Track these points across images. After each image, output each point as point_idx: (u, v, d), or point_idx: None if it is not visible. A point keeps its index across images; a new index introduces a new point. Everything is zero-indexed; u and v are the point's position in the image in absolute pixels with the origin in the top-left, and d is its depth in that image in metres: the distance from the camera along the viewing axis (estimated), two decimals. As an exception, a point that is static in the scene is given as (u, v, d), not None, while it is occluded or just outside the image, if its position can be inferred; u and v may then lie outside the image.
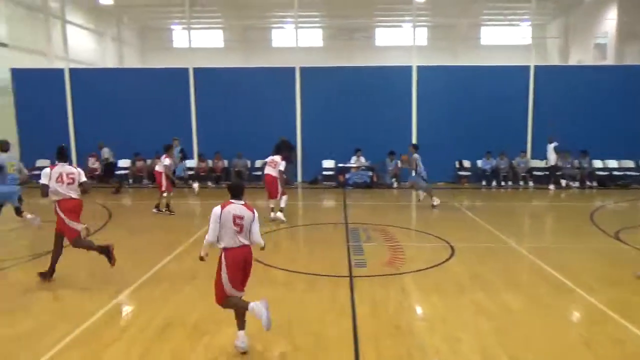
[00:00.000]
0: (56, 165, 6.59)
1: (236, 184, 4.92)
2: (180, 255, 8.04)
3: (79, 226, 6.57)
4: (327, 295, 6.14)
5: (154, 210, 11.71)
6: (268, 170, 10.63)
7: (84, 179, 6.70)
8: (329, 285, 6.53)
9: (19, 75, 17.02)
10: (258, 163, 16.44)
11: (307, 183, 16.81)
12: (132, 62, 28.01)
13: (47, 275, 6.65)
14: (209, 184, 16.35)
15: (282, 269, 7.20)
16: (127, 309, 5.87)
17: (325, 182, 16.63)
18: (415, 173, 12.34)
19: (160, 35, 29.74)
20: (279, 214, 10.57)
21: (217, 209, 4.66)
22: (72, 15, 21.49)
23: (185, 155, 15.80)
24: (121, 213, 12.28)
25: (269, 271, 7.14)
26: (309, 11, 24.66)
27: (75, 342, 4.83)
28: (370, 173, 16.08)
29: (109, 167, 16.35)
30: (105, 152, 16.13)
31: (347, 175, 16.06)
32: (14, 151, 16.37)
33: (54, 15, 19.19)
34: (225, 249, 4.65)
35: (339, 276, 6.90)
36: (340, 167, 16.35)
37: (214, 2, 22.95)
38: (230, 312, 4.79)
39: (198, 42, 21.68)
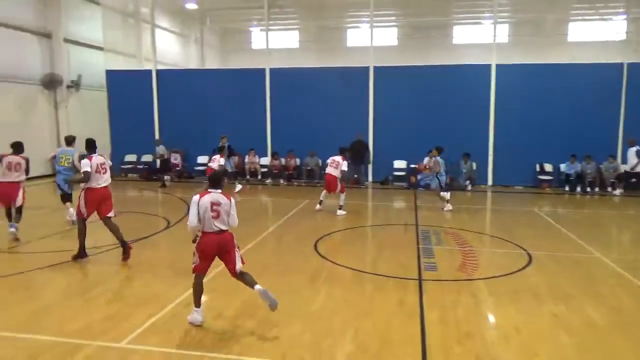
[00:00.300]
0: (92, 156, 7.51)
1: (214, 175, 5.52)
2: (251, 250, 8.30)
3: (85, 211, 7.41)
4: (395, 298, 6.07)
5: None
6: (329, 169, 11.37)
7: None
8: (397, 288, 6.44)
9: (112, 76, 18.43)
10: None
11: (378, 183, 16.70)
12: (213, 63, 29.27)
13: (77, 257, 7.51)
14: (282, 181, 16.77)
15: (351, 268, 7.21)
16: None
17: (395, 183, 16.44)
18: (435, 176, 12.23)
19: (239, 37, 30.83)
20: (340, 211, 11.25)
21: (196, 197, 5.18)
22: (159, 20, 22.87)
23: (233, 152, 15.93)
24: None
25: (337, 270, 7.19)
26: (385, 10, 24.43)
27: (153, 328, 5.14)
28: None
29: (164, 163, 16.74)
30: (161, 149, 16.58)
31: (419, 177, 15.75)
32: (107, 146, 17.81)
33: (144, 20, 20.52)
34: (202, 233, 5.16)
35: (408, 278, 6.79)
36: (412, 167, 16.06)
37: (291, 3, 23.40)
38: (300, 309, 4.89)
39: (275, 43, 22.22)
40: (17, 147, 8.88)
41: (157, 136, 18.00)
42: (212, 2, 23.89)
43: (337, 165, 11.25)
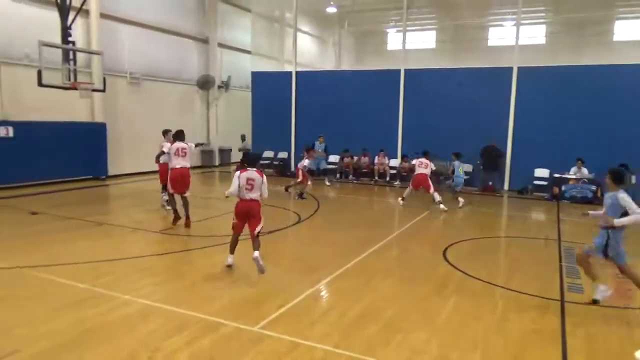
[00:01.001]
0: (175, 142, 9.48)
1: (252, 156, 7.61)
2: (378, 251, 8.30)
3: (171, 188, 9.51)
4: (531, 318, 5.59)
5: (286, 190, 14.18)
6: (420, 170, 12.45)
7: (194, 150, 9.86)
8: (534, 307, 5.92)
9: (257, 78, 19.83)
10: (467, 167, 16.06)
11: (515, 192, 15.55)
12: (348, 65, 29.89)
13: (175, 221, 9.63)
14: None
15: (482, 280, 6.82)
16: (328, 295, 6.31)
17: (536, 193, 15.15)
18: (450, 178, 13.13)
19: (375, 39, 31.02)
20: (442, 206, 11.97)
21: (237, 173, 6.80)
22: (301, 24, 24.03)
23: (327, 151, 17.70)
24: (326, 204, 13.23)
25: (467, 280, 6.85)
26: (534, 6, 22.64)
27: (283, 317, 5.41)
28: (593, 187, 14.01)
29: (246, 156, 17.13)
30: (246, 144, 16.95)
31: (563, 188, 14.33)
32: (249, 142, 19.19)
33: (288, 25, 21.72)
34: (239, 199, 6.78)
35: (547, 298, 6.21)
36: (556, 177, 14.65)
37: (429, 3, 22.91)
38: (426, 317, 4.75)
39: (410, 44, 21.96)
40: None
41: (292, 135, 18.92)
42: (351, 5, 24.39)
43: (426, 165, 12.44)
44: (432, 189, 12.31)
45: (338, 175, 17.92)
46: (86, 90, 12.91)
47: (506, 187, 15.92)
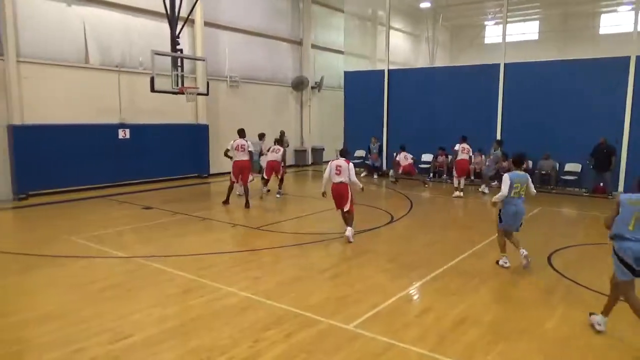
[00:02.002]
0: (236, 140, 11.47)
1: (344, 149, 8.96)
2: (476, 254, 7.96)
3: (233, 177, 11.67)
4: (654, 334, 5.03)
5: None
6: (462, 155, 13.52)
7: (251, 149, 11.62)
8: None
9: (349, 77, 19.95)
10: (569, 166, 14.85)
11: (632, 195, 14.04)
12: (442, 61, 29.04)
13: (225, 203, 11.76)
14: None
15: (594, 291, 6.25)
16: (423, 297, 6.17)
17: (658, 196, 13.56)
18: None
19: (471, 33, 29.83)
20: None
21: (329, 162, 8.61)
22: (393, 22, 23.77)
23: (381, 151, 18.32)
24: (420, 204, 12.95)
25: (576, 289, 6.34)
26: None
27: (377, 317, 5.39)
28: None
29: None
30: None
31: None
32: (340, 140, 19.39)
33: (380, 23, 21.60)
34: (332, 183, 8.44)
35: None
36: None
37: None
38: (531, 326, 4.47)
39: (510, 36, 20.77)
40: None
41: (385, 134, 18.77)
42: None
43: (468, 151, 13.52)
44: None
45: (431, 174, 17.47)
46: (192, 94, 13.84)
47: (620, 188, 14.46)
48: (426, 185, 15.99)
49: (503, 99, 16.25)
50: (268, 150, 13.36)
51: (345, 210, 8.46)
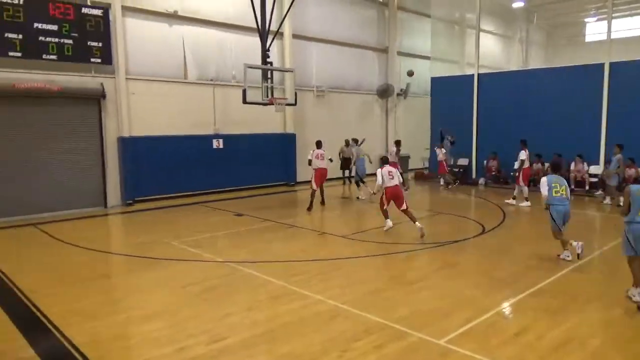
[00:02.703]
0: (315, 150, 12.85)
1: (383, 159, 10.25)
2: (580, 269, 7.37)
3: (314, 185, 12.62)
4: None
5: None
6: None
7: (329, 157, 13.11)
8: None
9: (436, 83, 19.50)
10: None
11: None
12: (537, 62, 27.42)
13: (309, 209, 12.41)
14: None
15: None
16: (521, 314, 5.81)
17: None
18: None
19: (570, 31, 27.89)
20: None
21: (379, 169, 9.72)
22: (483, 23, 22.89)
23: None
24: (513, 216, 12.25)
25: (702, 314, 5.63)
26: None
27: (470, 333, 5.16)
28: None
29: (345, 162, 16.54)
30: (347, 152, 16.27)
31: None
32: (426, 148, 18.96)
33: (469, 26, 20.90)
34: (386, 187, 9.61)
35: None
36: None
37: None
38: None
39: (615, 33, 19.06)
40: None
41: (474, 141, 18.07)
42: (541, -3, 22.33)
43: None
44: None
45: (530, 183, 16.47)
46: (281, 105, 14.31)
47: None
48: (450, 187, 16.64)
49: (608, 101, 14.97)
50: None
51: (403, 207, 9.62)
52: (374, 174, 10.46)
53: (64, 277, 7.27)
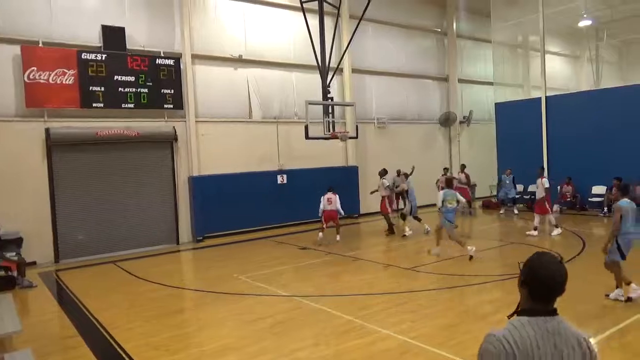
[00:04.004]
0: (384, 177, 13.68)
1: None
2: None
3: (389, 208, 13.65)
4: None
5: None
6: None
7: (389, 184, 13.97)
8: None
9: (501, 109, 18.98)
10: None
11: None
12: (610, 81, 25.96)
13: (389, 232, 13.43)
14: None
15: None
16: (609, 353, 5.34)
17: None
18: None
19: (644, 47, 26.33)
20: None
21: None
22: (548, 45, 22.16)
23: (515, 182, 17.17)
24: (594, 244, 11.43)
25: None
26: None
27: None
28: None
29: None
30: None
31: None
32: (493, 176, 18.32)
33: (533, 48, 20.32)
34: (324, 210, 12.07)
35: None
36: None
37: None
38: None
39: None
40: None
41: (545, 166, 17.25)
42: (610, 14, 21.33)
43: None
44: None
45: (605, 209, 15.41)
46: (345, 137, 14.50)
47: None
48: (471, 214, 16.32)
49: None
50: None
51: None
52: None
53: (140, 312, 7.62)
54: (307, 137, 13.56)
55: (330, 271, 9.71)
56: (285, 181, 15.85)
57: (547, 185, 12.46)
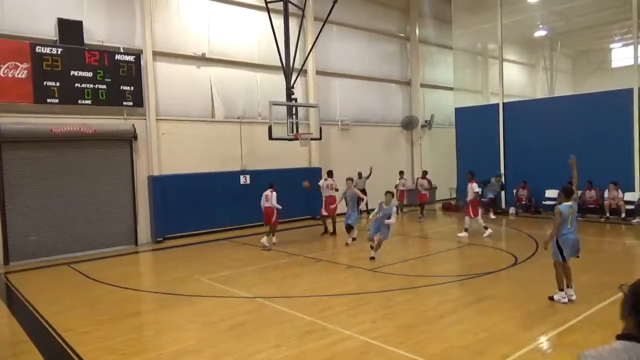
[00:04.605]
0: (327, 179, 13.98)
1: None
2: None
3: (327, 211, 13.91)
4: None
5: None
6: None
7: (337, 187, 13.92)
8: None
9: (460, 113, 19.49)
10: None
11: None
12: (563, 89, 27.13)
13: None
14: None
15: None
16: (559, 350, 5.57)
17: None
18: None
19: (596, 58, 27.64)
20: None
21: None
22: (506, 53, 22.92)
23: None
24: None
25: None
26: None
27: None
28: None
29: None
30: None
31: None
32: (453, 179, 18.80)
33: (491, 56, 20.98)
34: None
35: None
36: None
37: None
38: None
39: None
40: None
41: (502, 170, 17.85)
42: (564, 25, 22.30)
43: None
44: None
45: (558, 211, 16.05)
46: (306, 140, 14.51)
47: None
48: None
49: (640, 125, 14.67)
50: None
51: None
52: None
53: (95, 315, 7.37)
54: (270, 137, 13.51)
55: (293, 272, 9.70)
56: (248, 182, 15.72)
57: (476, 189, 13.10)
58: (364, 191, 16.19)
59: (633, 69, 15.39)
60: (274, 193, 12.67)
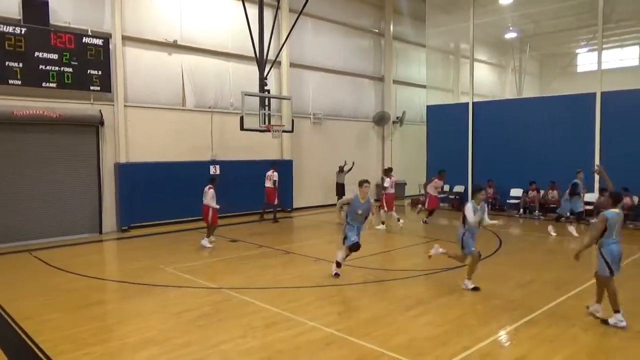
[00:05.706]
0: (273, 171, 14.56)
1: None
2: (579, 296, 7.34)
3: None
4: None
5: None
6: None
7: (275, 178, 14.71)
8: None
9: (432, 111, 19.76)
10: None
11: None
12: (531, 91, 27.86)
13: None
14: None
15: None
16: (517, 343, 5.75)
17: None
18: None
19: (562, 61, 28.48)
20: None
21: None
22: (477, 53, 23.34)
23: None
24: (510, 243, 12.25)
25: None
26: None
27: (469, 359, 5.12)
28: None
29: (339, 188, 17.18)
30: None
31: None
32: (422, 175, 19.05)
33: (463, 56, 21.32)
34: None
35: None
36: None
37: (632, 15, 20.16)
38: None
39: (606, 63, 19.41)
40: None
41: (469, 168, 18.21)
42: (533, 29, 22.85)
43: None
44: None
45: (521, 210, 16.55)
46: (278, 132, 14.45)
47: None
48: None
49: (601, 129, 15.19)
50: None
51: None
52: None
53: (56, 303, 7.18)
54: (242, 128, 13.40)
55: (261, 264, 9.67)
56: (218, 172, 15.53)
57: (387, 184, 14.00)
58: (343, 185, 16.46)
59: (597, 74, 15.91)
60: (211, 190, 11.62)
